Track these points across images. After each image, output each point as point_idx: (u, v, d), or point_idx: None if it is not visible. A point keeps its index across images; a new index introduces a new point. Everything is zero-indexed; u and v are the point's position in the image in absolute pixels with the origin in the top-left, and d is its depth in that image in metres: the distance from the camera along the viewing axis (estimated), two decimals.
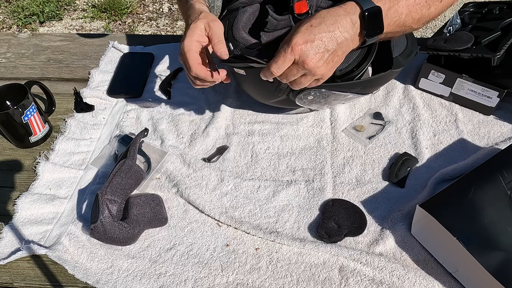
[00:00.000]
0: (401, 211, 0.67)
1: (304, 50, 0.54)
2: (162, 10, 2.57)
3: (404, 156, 0.74)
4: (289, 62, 0.55)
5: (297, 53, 0.54)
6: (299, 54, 0.54)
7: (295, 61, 0.55)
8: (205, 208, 0.69)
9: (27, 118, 0.77)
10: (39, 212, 0.70)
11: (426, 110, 0.83)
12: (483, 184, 0.59)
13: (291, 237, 0.65)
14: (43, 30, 2.43)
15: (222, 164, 0.76)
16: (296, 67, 0.56)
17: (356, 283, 0.60)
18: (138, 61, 0.98)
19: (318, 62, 0.55)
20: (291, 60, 0.55)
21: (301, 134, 0.80)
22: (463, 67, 0.79)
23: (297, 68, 0.56)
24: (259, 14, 0.76)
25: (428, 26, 2.33)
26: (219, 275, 0.62)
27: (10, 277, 0.64)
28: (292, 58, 0.55)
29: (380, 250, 0.63)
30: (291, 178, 0.73)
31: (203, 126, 0.83)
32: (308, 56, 0.54)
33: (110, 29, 2.42)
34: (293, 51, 0.54)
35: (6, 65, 1.01)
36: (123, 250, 0.65)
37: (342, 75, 0.68)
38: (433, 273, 0.60)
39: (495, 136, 0.77)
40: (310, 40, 0.54)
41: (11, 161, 0.79)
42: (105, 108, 0.88)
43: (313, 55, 0.54)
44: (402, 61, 0.70)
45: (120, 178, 0.68)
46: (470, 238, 0.55)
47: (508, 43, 0.73)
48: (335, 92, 0.68)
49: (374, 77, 0.69)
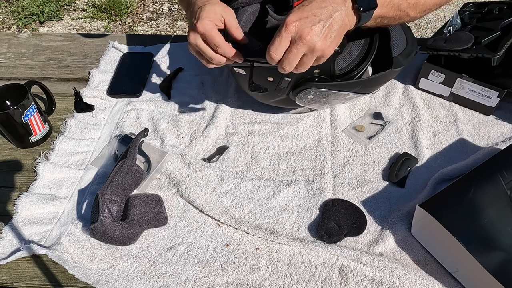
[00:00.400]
0: (401, 211, 0.67)
1: (299, 25, 0.53)
2: (162, 10, 2.57)
3: (404, 156, 0.74)
4: (286, 41, 0.55)
5: (292, 30, 0.54)
6: (295, 31, 0.54)
7: (292, 40, 0.55)
8: (205, 208, 0.69)
9: (27, 118, 0.77)
10: (39, 212, 0.70)
11: (426, 110, 0.83)
12: (483, 184, 0.59)
13: (291, 237, 0.65)
14: (43, 30, 2.43)
15: (222, 164, 0.76)
16: (295, 46, 0.55)
17: (356, 283, 0.60)
18: (138, 61, 0.98)
19: (315, 36, 0.54)
20: (287, 39, 0.54)
21: (301, 134, 0.80)
22: (463, 67, 0.79)
23: (296, 46, 0.55)
24: (259, 14, 0.76)
25: (428, 26, 2.33)
26: (219, 275, 0.62)
27: (10, 277, 0.64)
28: (288, 36, 0.54)
29: (380, 250, 0.63)
30: (291, 178, 0.73)
31: (203, 126, 0.83)
32: (304, 30, 0.53)
33: (110, 29, 2.42)
34: (288, 29, 0.53)
35: (6, 65, 1.01)
36: (123, 250, 0.65)
37: (342, 74, 0.68)
38: (433, 273, 0.60)
39: (495, 136, 0.77)
40: (304, 17, 0.54)
41: (11, 161, 0.79)
42: (105, 108, 0.88)
43: (309, 29, 0.53)
44: (402, 60, 0.70)
45: (120, 178, 0.68)
46: (470, 238, 0.55)
47: (508, 43, 0.73)
48: (335, 92, 0.68)
49: (374, 77, 0.69)
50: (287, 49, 0.56)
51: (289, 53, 0.56)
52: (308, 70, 0.66)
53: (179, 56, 0.99)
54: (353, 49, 0.69)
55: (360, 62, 0.67)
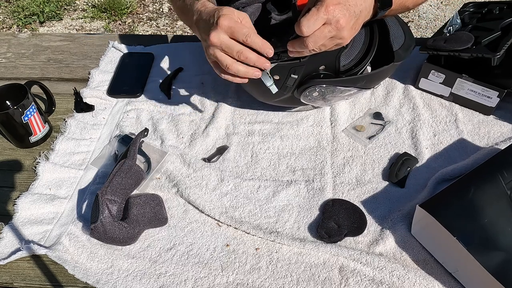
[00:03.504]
0: (401, 211, 0.67)
1: (338, 10, 0.54)
2: (162, 10, 2.57)
3: (404, 156, 0.74)
4: (321, 21, 0.54)
5: (330, 12, 0.54)
6: (332, 13, 0.54)
7: (326, 22, 0.55)
8: (205, 208, 0.69)
9: (27, 118, 0.77)
10: (39, 212, 0.70)
11: (426, 110, 0.83)
12: (483, 184, 0.59)
13: (291, 237, 0.65)
14: (43, 30, 2.43)
15: (222, 164, 0.76)
16: (328, 27, 0.55)
17: (356, 283, 0.60)
18: (138, 61, 0.98)
19: (348, 24, 0.55)
20: (323, 20, 0.54)
21: (301, 134, 0.80)
22: (463, 67, 0.79)
23: (329, 28, 0.55)
24: (259, 14, 0.76)
25: (428, 26, 2.33)
26: (219, 275, 0.62)
27: (10, 277, 0.64)
28: (325, 17, 0.54)
29: (380, 250, 0.63)
30: (291, 178, 0.73)
31: (203, 126, 0.83)
32: (343, 16, 0.54)
33: (110, 29, 2.42)
34: (327, 10, 0.54)
35: (6, 65, 1.01)
36: (123, 250, 0.65)
37: (345, 70, 0.68)
38: (433, 273, 0.60)
39: (495, 136, 0.77)
40: (342, 2, 0.54)
41: (11, 161, 0.79)
42: (105, 108, 0.88)
43: (347, 16, 0.54)
44: (402, 54, 0.71)
45: (120, 178, 0.68)
46: (470, 238, 0.55)
47: (508, 43, 0.73)
48: (340, 87, 0.68)
49: (377, 71, 0.69)
50: (319, 28, 0.55)
51: (320, 32, 0.55)
52: (313, 67, 0.67)
53: (179, 56, 0.99)
54: (355, 44, 0.69)
55: (363, 58, 0.68)
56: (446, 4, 2.46)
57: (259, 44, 0.59)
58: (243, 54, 0.59)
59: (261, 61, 0.60)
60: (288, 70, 0.66)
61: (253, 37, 0.58)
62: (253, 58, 0.59)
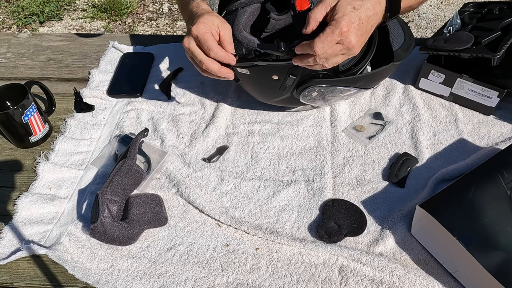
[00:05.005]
0: (401, 211, 0.67)
1: (351, 32, 0.57)
2: (162, 10, 2.57)
3: (404, 156, 0.74)
4: (334, 42, 0.58)
5: (344, 35, 0.57)
6: (346, 35, 0.57)
7: (339, 42, 0.58)
8: (205, 208, 0.69)
9: (27, 118, 0.77)
10: (39, 212, 0.70)
11: (426, 110, 0.83)
12: (483, 184, 0.59)
13: (291, 237, 0.65)
14: (43, 30, 2.43)
15: (222, 164, 0.76)
16: (340, 47, 0.58)
17: (356, 283, 0.60)
18: (138, 61, 0.98)
19: (359, 42, 0.59)
20: (336, 41, 0.57)
21: (301, 134, 0.80)
22: (463, 67, 0.79)
23: (341, 48, 0.58)
24: (259, 14, 0.76)
25: (428, 26, 2.33)
26: (219, 275, 0.62)
27: (10, 277, 0.64)
28: (339, 39, 0.57)
29: (380, 250, 0.63)
30: (291, 178, 0.73)
31: (203, 126, 0.83)
32: (355, 37, 0.57)
33: (110, 29, 2.42)
34: (341, 33, 0.56)
35: (6, 65, 1.01)
36: (123, 250, 0.65)
37: (344, 70, 0.68)
38: (433, 273, 0.60)
39: (495, 136, 0.77)
40: (356, 23, 0.57)
41: (11, 161, 0.79)
42: (105, 108, 0.88)
43: (358, 37, 0.58)
44: (402, 54, 0.71)
45: (120, 178, 0.68)
46: (470, 238, 0.55)
47: (508, 43, 0.73)
48: (339, 87, 0.68)
49: (377, 71, 0.69)
50: (332, 47, 0.58)
51: (333, 50, 0.58)
52: None
53: (179, 56, 0.99)
54: None
55: (362, 57, 0.68)
56: (446, 4, 2.46)
57: (223, 56, 0.64)
58: (205, 64, 0.65)
59: (224, 71, 0.66)
60: (287, 70, 0.66)
61: (215, 51, 0.63)
62: (215, 68, 0.65)
